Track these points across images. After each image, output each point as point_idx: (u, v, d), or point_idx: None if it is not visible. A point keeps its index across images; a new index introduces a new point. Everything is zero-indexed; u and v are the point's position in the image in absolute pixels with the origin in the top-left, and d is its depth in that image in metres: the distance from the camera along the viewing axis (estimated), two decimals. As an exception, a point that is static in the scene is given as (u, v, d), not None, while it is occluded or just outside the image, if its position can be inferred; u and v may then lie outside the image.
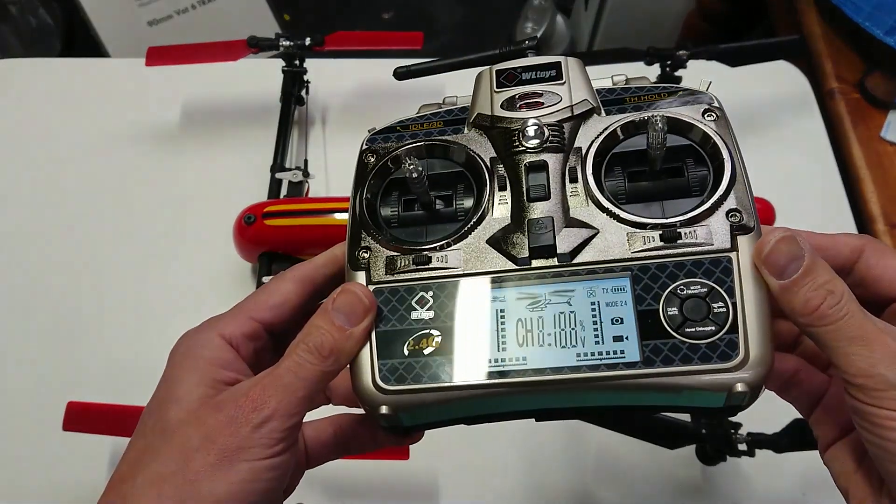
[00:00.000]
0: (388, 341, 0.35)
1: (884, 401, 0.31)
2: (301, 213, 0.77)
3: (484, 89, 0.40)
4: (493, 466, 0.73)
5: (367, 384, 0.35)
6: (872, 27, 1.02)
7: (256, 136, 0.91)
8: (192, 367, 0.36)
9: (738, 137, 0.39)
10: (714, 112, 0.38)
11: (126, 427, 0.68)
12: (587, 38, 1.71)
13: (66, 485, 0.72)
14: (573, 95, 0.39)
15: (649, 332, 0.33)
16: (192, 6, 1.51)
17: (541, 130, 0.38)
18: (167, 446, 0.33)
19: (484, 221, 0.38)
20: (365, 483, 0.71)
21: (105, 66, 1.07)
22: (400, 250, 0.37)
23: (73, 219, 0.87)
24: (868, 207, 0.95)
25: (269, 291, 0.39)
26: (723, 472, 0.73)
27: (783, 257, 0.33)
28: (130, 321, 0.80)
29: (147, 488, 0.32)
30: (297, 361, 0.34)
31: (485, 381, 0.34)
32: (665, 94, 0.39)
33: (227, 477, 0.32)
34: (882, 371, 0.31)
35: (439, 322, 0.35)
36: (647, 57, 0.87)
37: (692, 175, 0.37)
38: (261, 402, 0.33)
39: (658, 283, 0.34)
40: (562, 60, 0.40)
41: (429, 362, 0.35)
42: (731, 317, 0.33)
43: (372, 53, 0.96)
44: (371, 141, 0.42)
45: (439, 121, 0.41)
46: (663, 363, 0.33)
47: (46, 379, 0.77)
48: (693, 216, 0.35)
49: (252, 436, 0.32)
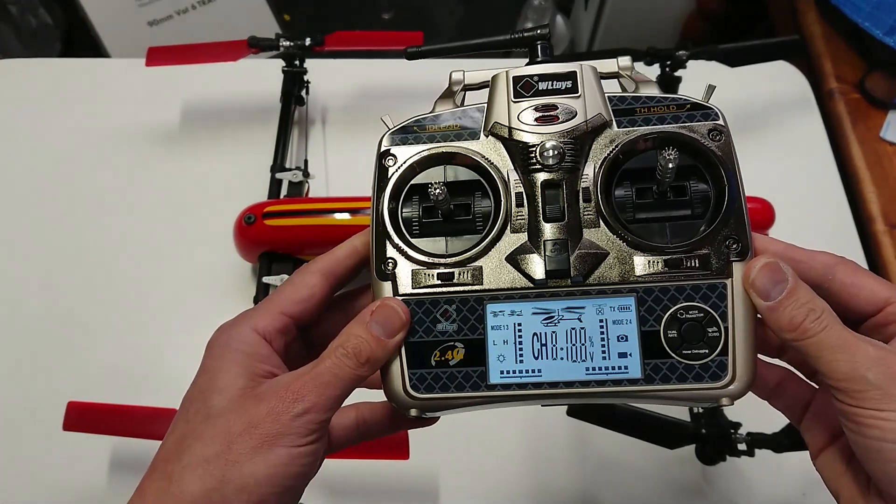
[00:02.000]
0: (417, 352, 0.39)
1: (866, 401, 0.34)
2: (301, 213, 0.77)
3: (500, 97, 0.42)
4: (493, 466, 0.73)
5: (399, 391, 0.39)
6: (872, 27, 1.02)
7: (256, 136, 0.91)
8: (231, 359, 0.38)
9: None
10: (720, 132, 0.40)
11: (126, 427, 0.68)
12: (587, 38, 1.71)
13: (67, 485, 0.72)
14: (588, 110, 0.40)
15: (651, 351, 0.38)
16: (192, 6, 1.51)
17: (559, 152, 0.40)
18: (211, 431, 0.36)
19: (502, 237, 0.40)
20: (365, 483, 0.71)
21: (105, 66, 1.07)
22: (424, 264, 0.40)
23: (72, 218, 0.87)
24: (868, 207, 0.95)
25: (296, 286, 0.41)
26: (723, 472, 0.73)
27: (768, 282, 0.37)
28: (131, 321, 0.80)
29: (192, 468, 0.35)
30: (336, 363, 0.37)
31: (504, 393, 0.38)
32: (673, 107, 0.40)
33: (267, 461, 0.35)
34: (863, 373, 0.34)
35: (463, 335, 0.39)
36: (647, 57, 0.87)
37: (695, 199, 0.40)
38: (301, 394, 0.36)
39: (660, 306, 0.38)
40: (577, 70, 0.41)
41: (454, 373, 0.39)
42: (723, 341, 0.38)
43: (372, 53, 0.96)
44: (389, 141, 0.43)
45: (455, 123, 0.42)
46: (662, 381, 0.37)
47: (46, 379, 0.77)
48: (695, 242, 0.39)
49: (291, 424, 0.36)
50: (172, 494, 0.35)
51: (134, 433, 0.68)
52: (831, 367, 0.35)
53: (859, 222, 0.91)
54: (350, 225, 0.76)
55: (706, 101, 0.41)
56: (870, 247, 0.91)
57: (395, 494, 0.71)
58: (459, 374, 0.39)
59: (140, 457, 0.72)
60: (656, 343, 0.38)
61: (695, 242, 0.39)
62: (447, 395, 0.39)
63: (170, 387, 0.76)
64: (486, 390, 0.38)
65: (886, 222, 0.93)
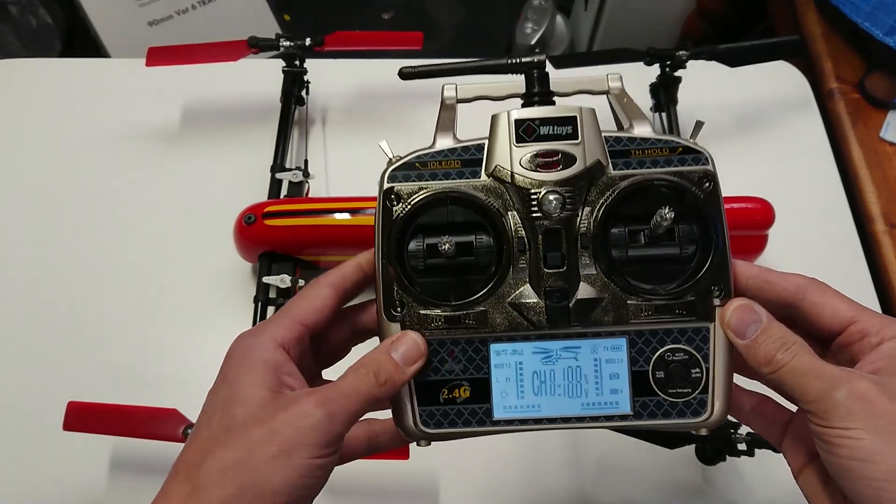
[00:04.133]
0: (426, 390, 0.42)
1: (834, 420, 0.36)
2: (301, 213, 0.77)
3: (502, 139, 0.43)
4: (493, 466, 0.73)
5: (410, 425, 0.43)
6: (872, 27, 1.02)
7: (256, 136, 0.91)
8: (252, 368, 0.40)
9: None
10: (709, 179, 0.42)
11: (126, 427, 0.68)
12: (587, 38, 1.71)
13: (67, 485, 0.72)
14: (587, 156, 0.42)
15: (640, 389, 0.42)
16: (192, 6, 1.51)
17: (560, 202, 0.42)
18: (233, 439, 0.38)
19: (505, 282, 0.42)
20: (365, 483, 0.71)
21: (105, 66, 1.07)
22: (431, 309, 0.42)
23: (72, 218, 0.87)
24: (867, 207, 0.95)
25: (310, 297, 0.43)
26: (722, 472, 0.73)
27: (743, 323, 0.40)
28: (130, 321, 0.80)
29: (214, 474, 0.37)
30: (358, 379, 0.40)
31: (506, 427, 0.42)
32: (666, 150, 0.43)
33: (285, 470, 0.37)
34: (831, 392, 0.37)
35: (468, 374, 0.42)
36: (647, 57, 0.87)
37: (684, 244, 0.43)
38: (322, 402, 0.38)
39: (649, 348, 0.42)
40: (577, 115, 0.42)
41: (461, 409, 0.42)
42: (704, 381, 0.42)
43: (372, 53, 0.96)
44: (392, 178, 0.43)
45: (457, 160, 0.43)
46: (649, 417, 0.42)
47: (46, 379, 0.77)
48: (682, 290, 0.42)
49: (311, 434, 0.37)
50: (195, 499, 0.37)
51: (134, 433, 0.68)
52: (804, 391, 0.38)
53: (859, 222, 0.91)
54: (350, 225, 0.76)
55: (695, 139, 0.44)
56: (870, 247, 0.91)
57: (395, 494, 0.71)
58: (466, 410, 0.42)
59: (140, 457, 0.72)
60: (645, 382, 0.42)
61: (682, 290, 0.42)
62: (455, 429, 0.42)
63: (170, 387, 0.77)
64: (491, 425, 0.42)
65: (886, 222, 0.93)
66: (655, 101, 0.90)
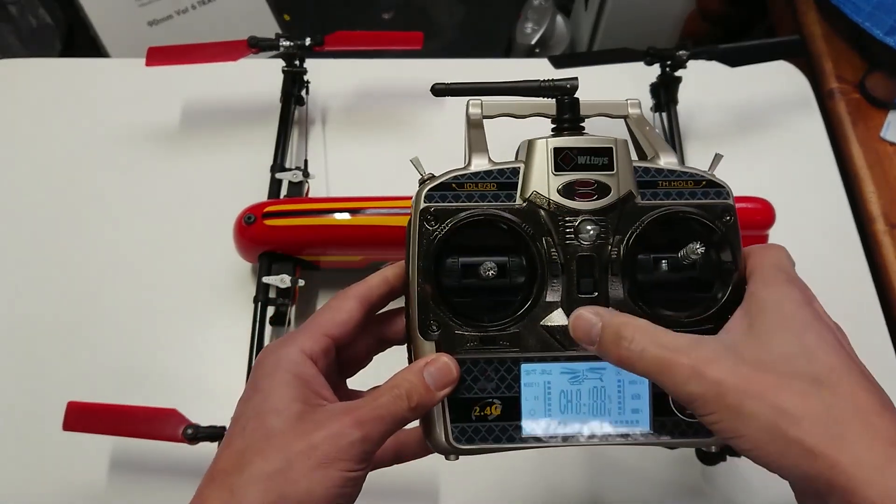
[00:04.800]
0: (459, 407, 0.44)
1: (704, 413, 0.37)
2: (301, 213, 0.77)
3: (539, 166, 0.44)
4: (493, 466, 0.73)
5: (441, 441, 0.44)
6: (872, 27, 1.02)
7: (256, 136, 0.91)
8: (283, 380, 0.41)
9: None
10: (730, 214, 0.44)
11: (126, 427, 0.68)
12: (587, 38, 1.71)
13: (67, 485, 0.72)
14: (620, 187, 0.44)
15: (660, 410, 0.44)
16: (192, 6, 1.51)
17: (597, 232, 0.43)
18: (271, 449, 0.39)
19: (538, 305, 0.44)
20: (365, 483, 0.71)
21: (105, 66, 1.07)
22: (466, 329, 0.44)
23: (72, 218, 0.87)
24: (868, 207, 0.95)
25: (336, 309, 0.44)
26: (723, 472, 0.73)
27: (583, 333, 0.41)
28: (130, 321, 0.80)
29: (253, 482, 0.38)
30: (391, 401, 0.41)
31: (534, 444, 0.44)
32: (691, 183, 0.45)
33: (323, 481, 0.38)
34: (688, 389, 0.37)
35: (500, 392, 0.44)
36: (647, 57, 0.87)
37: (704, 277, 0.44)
38: (361, 423, 0.39)
39: None
40: (612, 146, 0.44)
41: (492, 427, 0.44)
42: None
43: (372, 53, 0.96)
44: (428, 198, 0.44)
45: (492, 182, 0.44)
46: (667, 435, 0.44)
47: (46, 379, 0.77)
48: (702, 318, 0.44)
49: (349, 450, 0.39)
50: None
51: (134, 433, 0.68)
52: (667, 390, 0.38)
53: (859, 222, 0.91)
54: (350, 225, 0.76)
55: (713, 171, 0.45)
56: (870, 247, 0.91)
57: (395, 494, 0.71)
58: (497, 427, 0.44)
59: (140, 457, 0.72)
60: (664, 403, 0.44)
61: (702, 318, 0.44)
62: (485, 445, 0.44)
63: (170, 387, 0.77)
64: (520, 442, 0.44)
65: (886, 222, 0.93)
66: (655, 101, 0.90)
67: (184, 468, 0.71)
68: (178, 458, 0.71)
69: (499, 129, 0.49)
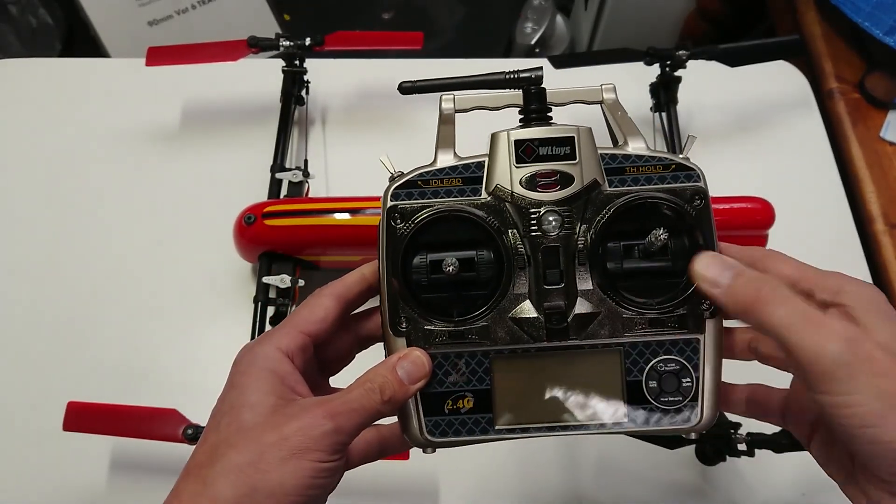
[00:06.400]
0: (432, 401, 0.44)
1: (835, 383, 0.36)
2: (301, 213, 0.77)
3: (502, 159, 0.44)
4: (493, 466, 0.73)
5: (416, 434, 0.44)
6: (872, 27, 1.02)
7: (256, 136, 0.91)
8: (259, 376, 0.41)
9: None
10: (701, 196, 0.44)
11: (126, 427, 0.68)
12: (587, 38, 1.71)
13: (67, 485, 0.72)
14: (584, 175, 0.43)
15: (634, 398, 0.44)
16: (192, 6, 1.51)
17: (559, 222, 0.43)
18: (244, 441, 0.39)
19: (506, 297, 0.44)
20: (365, 483, 0.71)
21: (105, 66, 1.07)
22: (436, 324, 0.44)
23: (72, 218, 0.87)
24: (868, 207, 0.95)
25: (311, 308, 0.45)
26: (722, 472, 0.73)
27: (717, 271, 0.41)
28: (130, 321, 0.80)
29: (225, 473, 0.38)
30: (363, 395, 0.41)
31: (508, 435, 0.44)
32: (660, 167, 0.44)
33: (294, 472, 0.38)
34: (828, 349, 0.36)
35: (472, 385, 0.44)
36: (647, 57, 0.87)
37: (676, 262, 0.44)
38: (333, 414, 0.40)
39: (643, 359, 0.44)
40: (574, 135, 0.44)
41: (465, 419, 0.44)
42: (695, 389, 0.44)
43: (372, 53, 0.96)
44: (395, 197, 0.44)
45: (457, 178, 0.45)
46: (643, 423, 0.44)
47: (46, 379, 0.77)
48: (673, 304, 0.44)
49: (320, 441, 0.39)
50: (207, 497, 0.38)
51: (134, 433, 0.68)
52: (798, 346, 0.36)
53: (859, 222, 0.91)
54: (350, 225, 0.76)
55: (686, 153, 0.45)
56: (870, 247, 0.91)
57: (395, 494, 0.71)
58: (470, 420, 0.44)
59: (140, 457, 0.72)
60: (638, 391, 0.44)
61: (673, 304, 0.44)
62: (459, 438, 0.44)
63: (170, 387, 0.77)
64: (494, 433, 0.44)
65: (886, 222, 0.93)
66: (655, 101, 0.90)
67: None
68: (178, 458, 0.70)
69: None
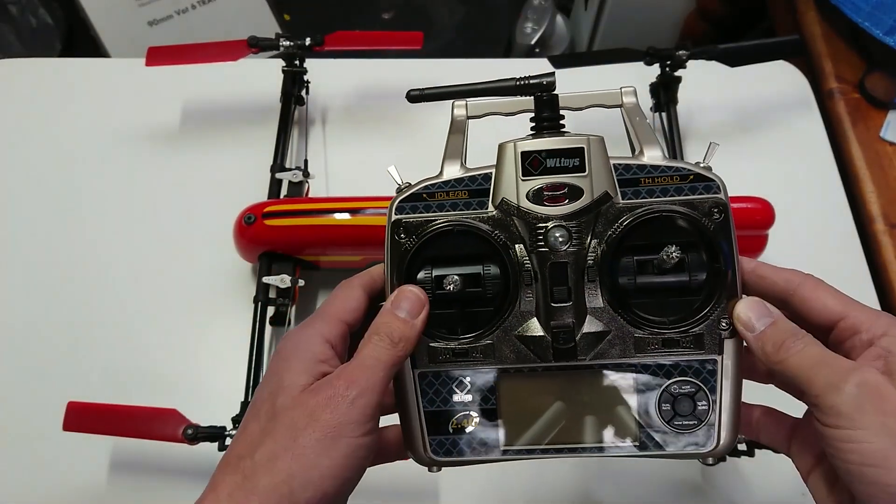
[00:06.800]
0: (436, 420, 0.43)
1: (841, 418, 0.36)
2: (301, 213, 0.77)
3: (509, 172, 0.42)
4: (493, 466, 0.73)
5: (421, 453, 0.43)
6: (872, 27, 1.02)
7: (256, 136, 0.91)
8: (297, 360, 0.41)
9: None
10: (720, 209, 0.41)
11: (126, 427, 0.68)
12: (587, 38, 1.71)
13: (67, 485, 0.72)
14: (594, 188, 0.41)
15: (646, 422, 0.42)
16: (192, 6, 1.51)
17: (566, 238, 0.41)
18: (278, 428, 0.39)
19: (512, 314, 0.43)
20: (365, 483, 0.71)
21: (105, 66, 1.07)
22: (440, 340, 0.43)
23: (72, 218, 0.87)
24: (867, 207, 0.95)
25: (346, 297, 0.44)
26: (723, 472, 0.73)
27: (754, 316, 0.40)
28: (130, 321, 0.80)
29: (263, 463, 0.38)
30: (374, 348, 0.41)
31: (514, 457, 0.43)
32: (677, 178, 0.42)
33: (330, 453, 0.38)
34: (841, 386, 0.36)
35: (476, 405, 0.43)
36: (647, 57, 0.87)
37: (694, 276, 0.42)
38: (352, 380, 0.39)
39: (656, 380, 0.42)
40: (584, 146, 0.41)
41: (470, 440, 0.43)
42: (711, 413, 0.42)
43: (372, 53, 0.96)
44: (399, 210, 0.43)
45: (464, 190, 0.43)
46: (655, 448, 0.42)
47: (46, 379, 0.77)
48: (691, 323, 0.42)
49: (349, 411, 0.38)
50: (245, 488, 0.37)
51: (134, 433, 0.68)
52: (811, 383, 0.37)
53: (859, 222, 0.91)
54: (350, 225, 0.76)
55: (708, 162, 0.42)
56: (870, 247, 0.91)
57: (395, 494, 0.71)
58: (474, 440, 0.43)
59: (140, 457, 0.72)
60: (651, 414, 0.42)
61: (690, 323, 0.42)
62: (463, 458, 0.43)
63: (170, 387, 0.76)
64: (499, 454, 0.43)
65: (886, 222, 0.93)
66: (655, 101, 0.90)
67: (184, 468, 0.71)
68: (178, 458, 0.71)
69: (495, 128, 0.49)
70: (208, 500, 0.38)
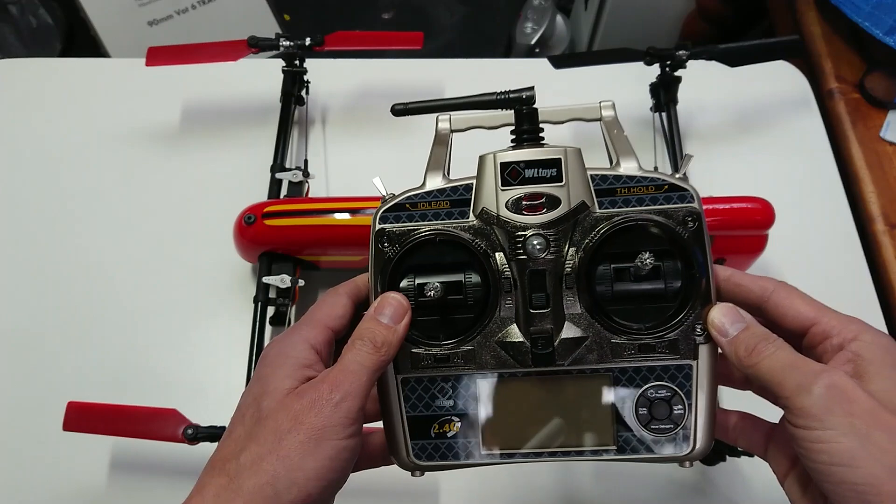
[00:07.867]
0: (418, 425, 0.44)
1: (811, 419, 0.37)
2: (301, 213, 0.77)
3: (488, 182, 0.44)
4: (493, 466, 0.73)
5: (403, 458, 0.45)
6: (872, 27, 1.02)
7: (256, 136, 0.91)
8: (282, 365, 0.42)
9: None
10: (694, 218, 0.43)
11: (126, 427, 0.68)
12: (587, 38, 1.71)
13: (67, 485, 0.72)
14: (571, 198, 0.43)
15: (623, 426, 0.43)
16: (192, 6, 1.51)
17: (544, 245, 0.42)
18: (263, 431, 0.39)
19: (493, 320, 0.44)
20: (365, 483, 0.71)
21: (105, 66, 1.07)
22: (422, 346, 0.44)
23: (72, 218, 0.87)
24: (867, 207, 0.95)
25: (332, 304, 0.45)
26: (723, 471, 0.73)
27: (727, 321, 0.42)
28: (130, 321, 0.80)
29: (248, 465, 0.38)
30: (358, 353, 0.42)
31: (495, 461, 0.44)
32: (652, 188, 0.43)
33: (314, 455, 0.38)
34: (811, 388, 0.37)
35: (458, 410, 0.44)
36: (647, 57, 0.87)
37: (669, 283, 0.43)
38: (336, 384, 0.40)
39: (633, 385, 0.43)
40: (561, 157, 0.43)
41: (451, 444, 0.44)
42: (687, 417, 0.43)
43: (372, 53, 0.96)
44: (383, 220, 0.45)
45: (445, 200, 0.44)
46: (632, 451, 0.43)
47: (46, 379, 0.77)
48: (666, 329, 0.43)
49: (333, 414, 0.39)
50: (231, 490, 0.38)
51: (134, 433, 0.68)
52: (781, 385, 0.38)
53: (859, 222, 0.91)
54: (350, 225, 0.76)
55: (683, 172, 0.44)
56: (870, 247, 0.91)
57: (395, 494, 0.71)
58: (456, 444, 0.44)
59: (140, 457, 0.72)
60: (628, 418, 0.43)
61: (665, 329, 0.43)
62: (445, 462, 0.44)
63: (170, 387, 0.77)
64: (480, 458, 0.44)
65: (886, 222, 0.93)
66: (655, 101, 0.90)
67: (184, 468, 0.71)
68: (178, 458, 0.71)
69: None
70: (194, 501, 0.38)
